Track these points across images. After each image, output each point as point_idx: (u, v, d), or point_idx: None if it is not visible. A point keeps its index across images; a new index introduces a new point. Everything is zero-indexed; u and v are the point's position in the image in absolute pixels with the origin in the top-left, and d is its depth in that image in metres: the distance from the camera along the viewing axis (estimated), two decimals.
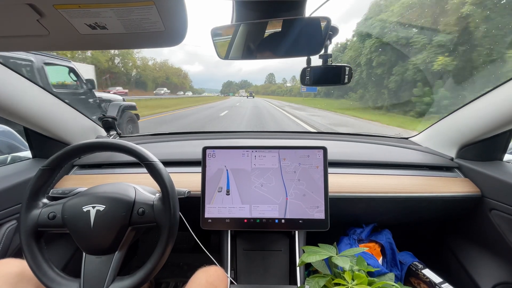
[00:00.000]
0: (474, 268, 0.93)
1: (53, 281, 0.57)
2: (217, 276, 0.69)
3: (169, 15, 0.36)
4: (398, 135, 1.36)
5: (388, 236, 0.99)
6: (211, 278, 0.67)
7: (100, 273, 0.58)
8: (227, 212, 0.79)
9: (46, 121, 0.91)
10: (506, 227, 0.81)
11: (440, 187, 0.90)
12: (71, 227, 0.59)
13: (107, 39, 0.43)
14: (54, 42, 0.44)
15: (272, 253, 0.86)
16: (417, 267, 0.93)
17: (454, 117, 1.00)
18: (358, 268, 0.71)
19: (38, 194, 0.63)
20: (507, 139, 0.90)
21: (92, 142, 0.64)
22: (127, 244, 0.63)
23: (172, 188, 0.62)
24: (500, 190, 0.82)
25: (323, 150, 0.80)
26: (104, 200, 0.61)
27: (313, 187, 0.79)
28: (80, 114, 1.09)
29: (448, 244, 1.06)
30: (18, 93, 0.80)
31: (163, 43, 0.45)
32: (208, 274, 0.68)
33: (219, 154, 0.81)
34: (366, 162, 1.01)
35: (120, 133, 1.20)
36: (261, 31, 0.63)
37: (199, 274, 0.68)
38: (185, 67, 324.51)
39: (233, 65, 26.91)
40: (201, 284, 0.65)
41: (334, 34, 0.65)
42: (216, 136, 1.38)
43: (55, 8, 0.34)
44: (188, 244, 1.34)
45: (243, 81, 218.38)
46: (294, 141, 1.23)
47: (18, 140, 1.35)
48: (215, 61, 35.16)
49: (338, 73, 0.74)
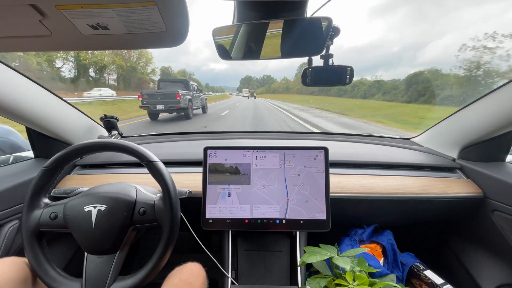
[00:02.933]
0: (476, 269, 0.92)
1: (55, 280, 0.57)
2: (191, 272, 0.66)
3: (170, 15, 0.36)
4: (400, 135, 1.35)
5: (389, 237, 0.98)
6: (185, 275, 0.65)
7: (102, 273, 0.58)
8: (228, 213, 0.79)
9: (48, 121, 0.91)
10: (508, 228, 0.81)
11: (442, 188, 0.90)
12: (73, 227, 0.60)
13: (109, 40, 0.43)
14: (56, 42, 0.44)
15: (273, 253, 0.86)
16: (418, 268, 0.92)
17: (456, 117, 1.00)
18: (359, 269, 0.71)
19: (40, 194, 0.63)
20: (509, 140, 0.89)
21: (94, 142, 0.64)
22: (129, 244, 0.63)
23: (173, 188, 0.62)
24: (503, 191, 0.82)
25: (324, 150, 0.80)
26: (106, 200, 0.61)
27: (316, 190, 0.79)
28: (82, 114, 1.09)
29: (450, 245, 1.06)
30: (20, 94, 0.80)
31: (165, 43, 0.45)
32: (182, 272, 0.66)
33: (220, 154, 0.81)
34: (367, 163, 1.01)
35: (121, 133, 1.20)
36: (263, 31, 0.63)
37: (173, 272, 0.66)
38: (212, 65, 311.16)
39: (259, 62, 23.33)
40: (175, 282, 0.63)
41: (336, 34, 0.65)
42: (217, 136, 1.38)
43: (57, 9, 0.34)
44: (189, 244, 1.34)
45: (266, 76, 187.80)
46: (296, 141, 1.23)
47: (20, 140, 1.35)
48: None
49: (339, 73, 0.74)
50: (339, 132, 1.54)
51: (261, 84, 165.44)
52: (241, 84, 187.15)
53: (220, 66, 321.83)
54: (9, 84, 0.77)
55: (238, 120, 9.03)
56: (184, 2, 0.35)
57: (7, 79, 0.77)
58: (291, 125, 7.99)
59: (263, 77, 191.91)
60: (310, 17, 0.60)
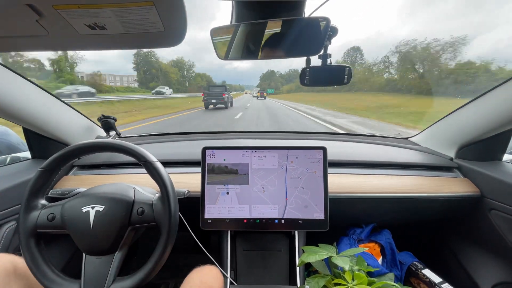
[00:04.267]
0: (473, 268, 0.93)
1: (53, 282, 0.57)
2: (211, 275, 0.68)
3: (168, 15, 0.36)
4: (398, 135, 1.36)
5: (387, 236, 0.99)
6: (205, 277, 0.67)
7: (101, 274, 0.58)
8: (227, 213, 0.79)
9: (45, 121, 0.91)
10: (505, 227, 0.81)
11: (439, 187, 0.90)
12: (71, 228, 0.59)
13: (107, 40, 0.43)
14: (53, 42, 0.44)
15: (272, 253, 0.86)
16: (417, 267, 0.93)
17: (453, 117, 1.01)
18: (358, 268, 0.72)
19: (37, 195, 0.62)
20: (506, 139, 0.90)
21: (92, 143, 0.64)
22: (127, 244, 0.63)
23: (172, 188, 0.62)
24: (500, 190, 0.82)
25: (322, 150, 0.80)
26: (104, 200, 0.61)
27: (315, 190, 0.79)
28: (79, 114, 1.09)
29: (447, 244, 1.06)
30: (17, 94, 0.80)
31: (163, 43, 0.45)
32: (202, 274, 0.68)
33: (218, 154, 0.81)
34: (365, 162, 1.01)
35: (119, 134, 1.19)
36: (261, 31, 0.63)
37: (193, 274, 0.68)
38: (236, 63, 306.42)
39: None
40: (196, 284, 0.65)
41: (334, 34, 0.65)
42: (215, 136, 1.38)
43: (54, 9, 0.34)
44: (188, 245, 1.34)
45: (293, 71, 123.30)
46: (294, 141, 1.23)
47: (17, 140, 1.34)
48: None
49: (338, 73, 0.74)
50: (338, 132, 1.55)
51: (287, 81, 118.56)
52: (261, 81, 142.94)
53: (244, 64, 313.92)
54: (6, 84, 0.76)
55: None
56: (182, 2, 0.35)
57: (4, 79, 0.76)
58: None
59: (290, 72, 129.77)
60: (308, 17, 0.60)
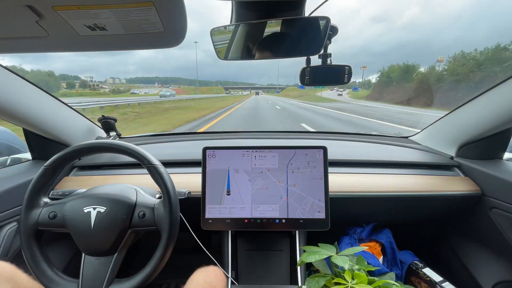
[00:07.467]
0: (474, 266, 0.93)
1: (51, 280, 0.57)
2: (215, 275, 0.68)
3: (168, 16, 0.36)
4: (398, 134, 1.36)
5: (388, 235, 0.99)
6: (209, 277, 0.67)
7: (99, 275, 0.58)
8: (228, 213, 0.79)
9: (45, 123, 0.91)
10: (506, 225, 0.81)
11: (440, 186, 0.90)
12: (72, 227, 0.59)
13: (107, 40, 0.43)
14: (53, 43, 0.44)
15: (273, 253, 0.86)
16: (417, 266, 0.93)
17: (453, 115, 1.00)
18: (358, 267, 0.71)
19: (40, 193, 0.63)
20: (507, 138, 0.90)
21: (95, 143, 0.64)
22: (127, 246, 0.63)
23: (174, 192, 0.62)
24: (501, 189, 0.82)
25: (323, 149, 0.80)
26: (105, 201, 0.61)
27: (316, 190, 0.79)
28: (79, 115, 1.09)
29: (448, 243, 1.06)
30: (17, 95, 0.80)
31: (163, 44, 0.45)
32: (206, 274, 0.68)
33: (219, 155, 0.81)
34: (366, 162, 1.01)
35: (119, 134, 1.19)
36: (260, 31, 0.63)
37: (197, 274, 0.68)
38: (253, 62, 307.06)
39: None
40: (200, 284, 0.65)
41: (334, 33, 0.65)
42: (216, 136, 1.38)
43: (54, 10, 0.34)
44: (189, 245, 1.34)
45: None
46: (294, 141, 1.23)
47: (17, 141, 1.34)
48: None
49: (338, 72, 0.74)
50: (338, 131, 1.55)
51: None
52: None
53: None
54: (6, 85, 0.76)
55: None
56: (182, 2, 0.35)
57: (4, 80, 0.76)
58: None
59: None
60: (308, 16, 0.60)
